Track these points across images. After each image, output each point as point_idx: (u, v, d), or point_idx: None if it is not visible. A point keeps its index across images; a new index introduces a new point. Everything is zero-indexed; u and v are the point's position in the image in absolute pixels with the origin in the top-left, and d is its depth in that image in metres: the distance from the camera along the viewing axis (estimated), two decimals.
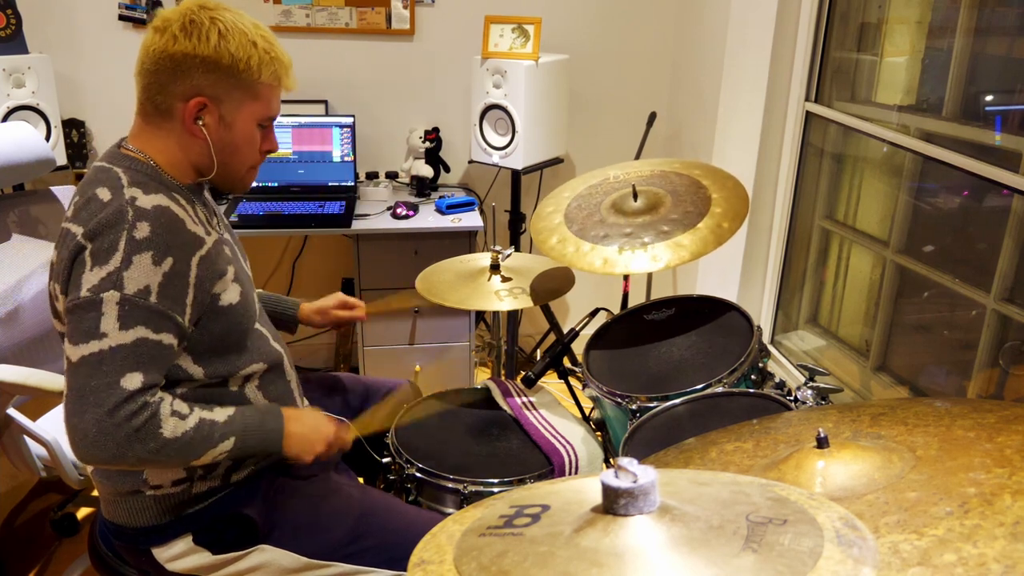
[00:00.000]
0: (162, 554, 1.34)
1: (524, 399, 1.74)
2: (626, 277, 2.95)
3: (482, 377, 3.12)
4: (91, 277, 1.15)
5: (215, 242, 1.29)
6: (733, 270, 2.77)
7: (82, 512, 2.34)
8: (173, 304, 1.19)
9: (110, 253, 1.16)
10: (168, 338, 1.20)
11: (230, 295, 1.29)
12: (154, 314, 1.17)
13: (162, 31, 1.23)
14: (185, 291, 1.21)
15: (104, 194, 1.19)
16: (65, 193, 2.06)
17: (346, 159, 2.86)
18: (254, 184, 2.82)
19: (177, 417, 1.19)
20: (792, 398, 1.52)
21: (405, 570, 1.36)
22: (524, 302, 1.75)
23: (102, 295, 1.15)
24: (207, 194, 1.39)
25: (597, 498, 0.70)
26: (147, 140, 1.28)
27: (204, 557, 1.34)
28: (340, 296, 1.71)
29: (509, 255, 1.89)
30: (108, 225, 1.17)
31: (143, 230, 1.17)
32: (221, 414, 1.26)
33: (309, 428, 1.36)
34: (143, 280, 1.16)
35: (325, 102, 2.95)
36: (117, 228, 1.16)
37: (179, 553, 1.33)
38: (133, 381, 1.15)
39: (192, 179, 1.32)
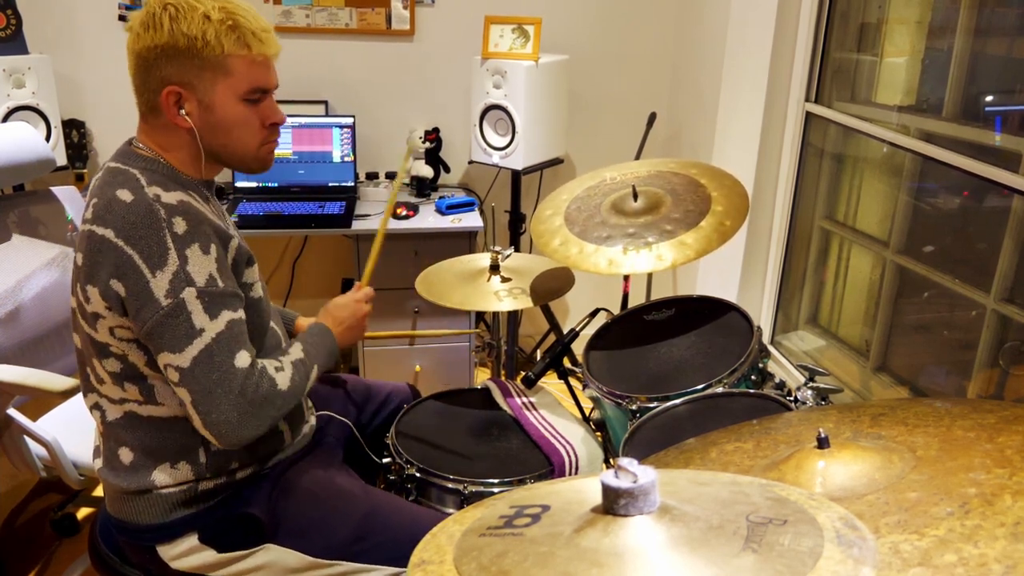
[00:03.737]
0: (167, 552, 1.34)
1: (524, 399, 1.74)
2: (626, 277, 2.95)
3: (482, 377, 3.12)
4: (159, 283, 1.16)
5: (237, 235, 1.32)
6: (733, 270, 2.77)
7: (82, 512, 2.34)
8: (233, 283, 1.25)
9: (163, 254, 1.17)
10: (242, 312, 1.25)
11: (257, 289, 1.34)
12: (228, 296, 1.23)
13: (130, 31, 1.23)
14: (231, 274, 1.26)
15: (125, 195, 1.19)
16: (65, 193, 2.06)
17: (346, 159, 2.86)
18: (253, 184, 2.84)
19: (279, 371, 1.28)
20: (792, 398, 1.52)
21: None
22: (524, 302, 1.75)
23: (181, 296, 1.17)
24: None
25: (597, 498, 0.70)
26: (153, 138, 1.28)
27: (209, 555, 1.34)
28: None
29: (509, 255, 1.89)
30: (144, 226, 1.17)
31: (180, 225, 1.19)
32: (298, 351, 1.35)
33: (348, 319, 1.51)
34: (204, 269, 1.20)
35: (325, 102, 2.95)
36: (155, 228, 1.17)
37: (184, 551, 1.33)
38: (243, 359, 1.22)
39: (202, 175, 1.32)
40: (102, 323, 1.21)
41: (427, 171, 2.93)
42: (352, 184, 2.87)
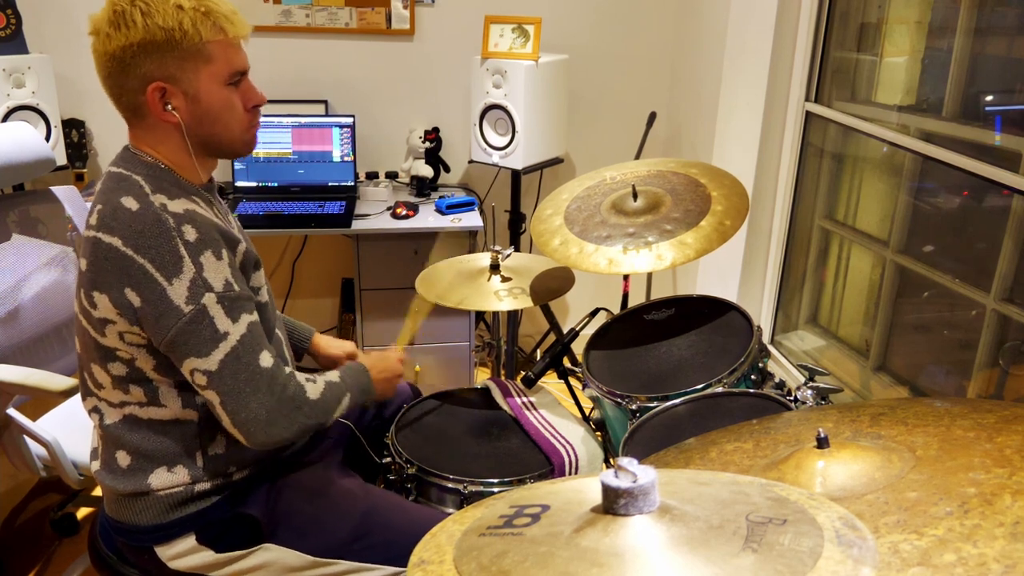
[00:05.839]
0: (165, 552, 1.34)
1: (524, 399, 1.74)
2: (626, 277, 2.95)
3: (482, 377, 3.12)
4: (177, 291, 1.17)
5: (244, 239, 1.32)
6: (733, 270, 2.77)
7: (82, 512, 2.34)
8: (245, 287, 1.26)
9: (177, 262, 1.17)
10: (256, 315, 1.27)
11: (263, 293, 1.35)
12: (244, 299, 1.24)
13: (97, 34, 1.21)
14: (243, 278, 1.27)
15: (131, 203, 1.19)
16: (65, 193, 2.06)
17: (346, 159, 2.86)
18: (254, 184, 2.84)
19: (310, 381, 1.30)
20: (792, 398, 1.52)
21: None
22: (524, 302, 1.75)
23: (202, 301, 1.18)
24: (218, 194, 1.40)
25: (597, 498, 0.70)
26: (145, 142, 1.27)
27: (207, 556, 1.34)
28: (351, 347, 1.71)
29: (509, 255, 1.89)
30: (154, 235, 1.17)
31: (190, 232, 1.19)
32: (333, 375, 1.37)
33: (386, 371, 1.50)
34: (220, 275, 1.20)
35: (325, 102, 2.95)
36: (166, 237, 1.17)
37: (182, 551, 1.34)
38: (267, 359, 1.24)
39: (200, 178, 1.32)
40: (111, 328, 1.21)
41: (427, 171, 2.94)
42: (352, 184, 2.87)
